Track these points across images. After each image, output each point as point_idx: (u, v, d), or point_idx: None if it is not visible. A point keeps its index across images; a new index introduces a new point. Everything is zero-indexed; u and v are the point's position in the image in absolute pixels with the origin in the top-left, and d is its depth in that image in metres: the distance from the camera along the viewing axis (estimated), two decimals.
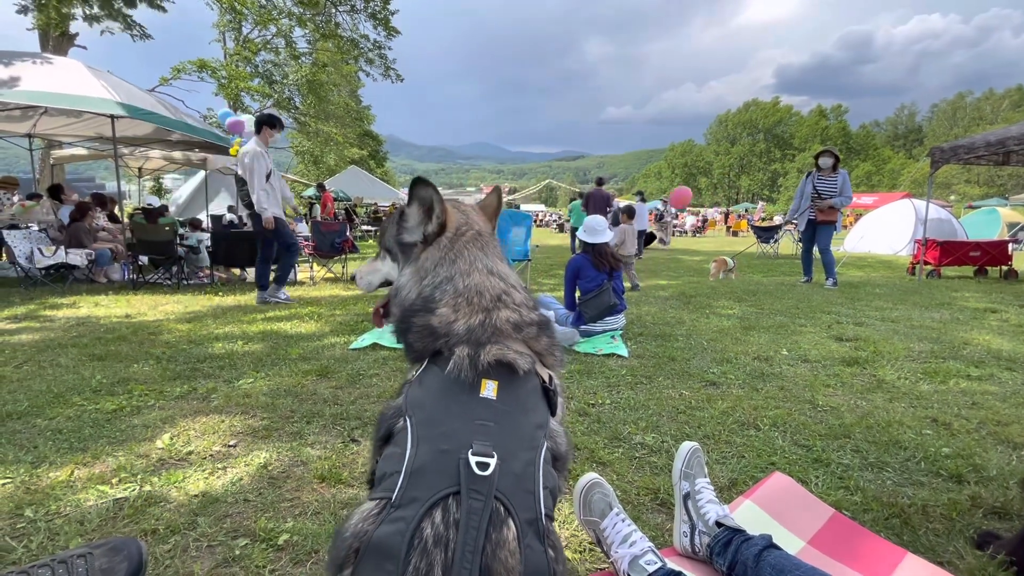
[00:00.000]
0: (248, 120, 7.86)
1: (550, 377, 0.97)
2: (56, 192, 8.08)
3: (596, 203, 11.07)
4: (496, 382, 0.87)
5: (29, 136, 8.80)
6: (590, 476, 1.51)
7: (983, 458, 2.00)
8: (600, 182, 12.42)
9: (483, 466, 0.76)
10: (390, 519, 0.74)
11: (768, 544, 1.22)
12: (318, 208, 15.77)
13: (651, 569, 1.20)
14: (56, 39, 11.88)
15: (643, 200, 14.03)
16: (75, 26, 12.42)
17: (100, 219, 7.81)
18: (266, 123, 5.29)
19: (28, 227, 6.91)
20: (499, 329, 0.92)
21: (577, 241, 13.50)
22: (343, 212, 17.85)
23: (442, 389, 0.87)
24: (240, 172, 5.20)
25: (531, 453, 0.84)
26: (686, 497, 1.44)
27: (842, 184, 6.74)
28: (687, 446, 1.57)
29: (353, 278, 1.24)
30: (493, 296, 0.95)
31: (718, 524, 1.33)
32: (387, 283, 1.17)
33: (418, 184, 1.01)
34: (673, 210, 16.67)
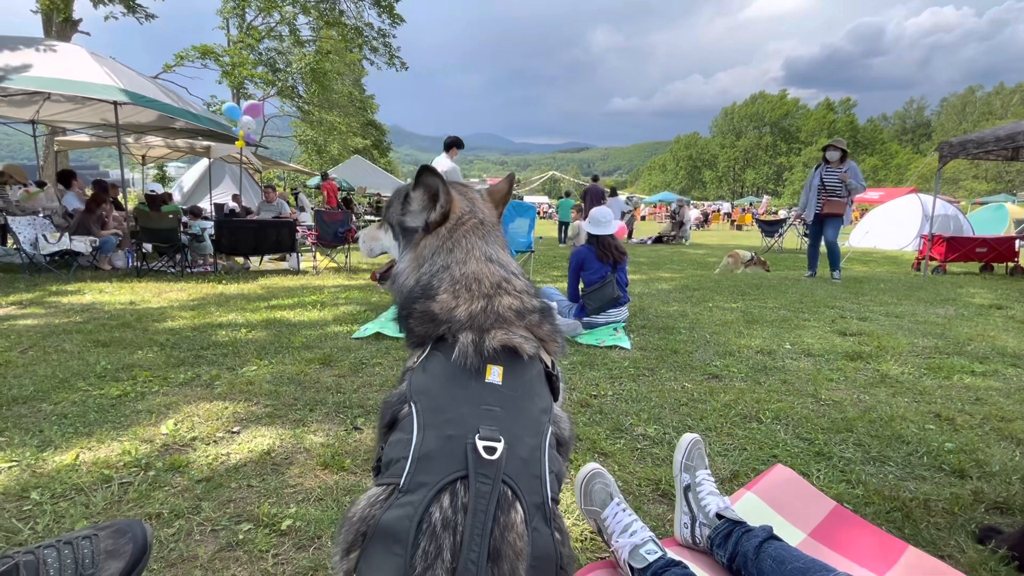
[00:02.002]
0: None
1: (552, 363, 0.97)
2: (66, 178, 8.06)
3: (593, 197, 12.27)
4: (501, 367, 0.87)
5: (33, 122, 8.79)
6: (591, 466, 1.51)
7: (986, 453, 1.99)
8: (595, 178, 14.42)
9: (490, 450, 0.76)
10: (398, 504, 0.74)
11: (769, 536, 1.22)
12: (303, 198, 15.85)
13: (651, 558, 1.20)
14: (59, 25, 11.83)
15: (614, 195, 14.91)
16: (78, 11, 12.36)
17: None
18: (455, 145, 6.37)
19: (33, 214, 6.92)
20: (501, 316, 0.91)
21: (562, 232, 14.28)
22: (342, 201, 17.84)
23: (447, 375, 0.87)
24: None
25: (537, 438, 0.84)
26: (687, 489, 1.44)
27: (851, 174, 6.69)
28: (688, 438, 1.56)
29: (356, 240, 1.27)
30: (492, 283, 0.95)
31: (719, 516, 1.33)
32: (385, 252, 1.21)
33: (425, 172, 1.01)
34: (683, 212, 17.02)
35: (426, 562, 0.69)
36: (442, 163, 6.14)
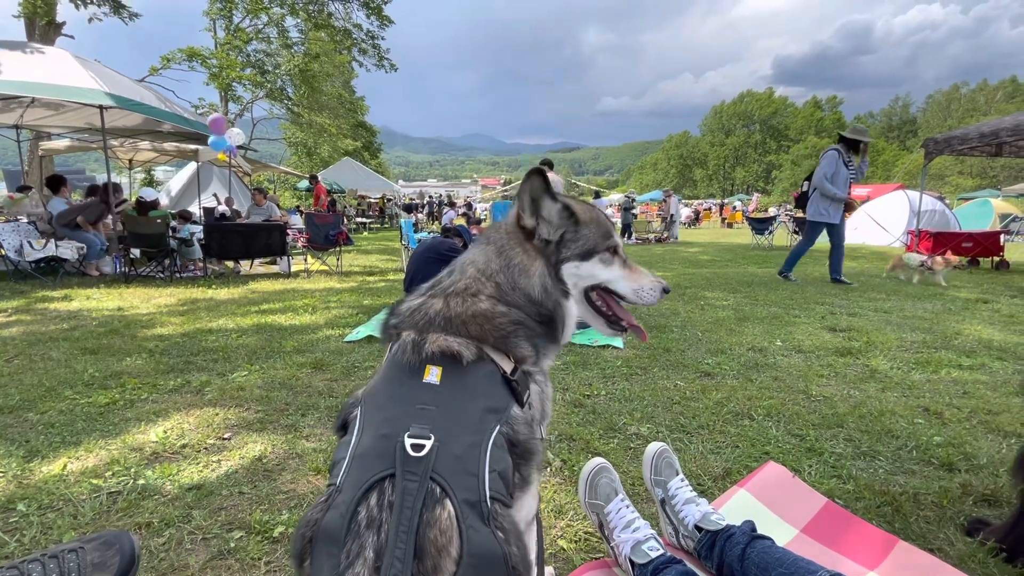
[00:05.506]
0: (233, 133, 7.97)
1: (514, 368, 0.93)
2: (54, 183, 7.93)
3: None
4: (440, 368, 0.88)
5: (17, 127, 8.65)
6: (598, 461, 1.51)
7: (974, 446, 2.02)
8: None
9: (418, 448, 0.77)
10: (334, 504, 0.75)
11: (750, 539, 1.21)
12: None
13: (654, 555, 1.21)
14: (43, 28, 11.66)
15: (596, 197, 15.61)
16: (62, 14, 12.19)
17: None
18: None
19: (17, 220, 6.82)
20: (431, 320, 0.92)
21: None
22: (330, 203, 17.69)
23: (390, 374, 0.90)
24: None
25: (476, 436, 0.82)
26: (663, 503, 1.44)
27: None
28: (652, 450, 1.53)
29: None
30: (431, 284, 1.01)
31: (698, 528, 1.32)
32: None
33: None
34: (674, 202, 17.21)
35: (347, 560, 0.69)
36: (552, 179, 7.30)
